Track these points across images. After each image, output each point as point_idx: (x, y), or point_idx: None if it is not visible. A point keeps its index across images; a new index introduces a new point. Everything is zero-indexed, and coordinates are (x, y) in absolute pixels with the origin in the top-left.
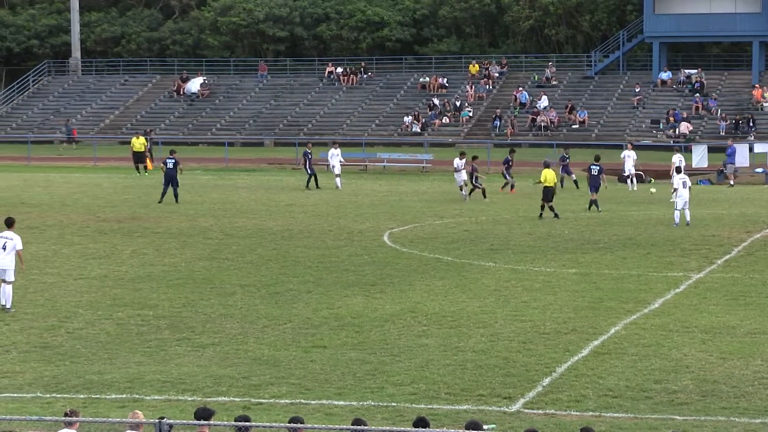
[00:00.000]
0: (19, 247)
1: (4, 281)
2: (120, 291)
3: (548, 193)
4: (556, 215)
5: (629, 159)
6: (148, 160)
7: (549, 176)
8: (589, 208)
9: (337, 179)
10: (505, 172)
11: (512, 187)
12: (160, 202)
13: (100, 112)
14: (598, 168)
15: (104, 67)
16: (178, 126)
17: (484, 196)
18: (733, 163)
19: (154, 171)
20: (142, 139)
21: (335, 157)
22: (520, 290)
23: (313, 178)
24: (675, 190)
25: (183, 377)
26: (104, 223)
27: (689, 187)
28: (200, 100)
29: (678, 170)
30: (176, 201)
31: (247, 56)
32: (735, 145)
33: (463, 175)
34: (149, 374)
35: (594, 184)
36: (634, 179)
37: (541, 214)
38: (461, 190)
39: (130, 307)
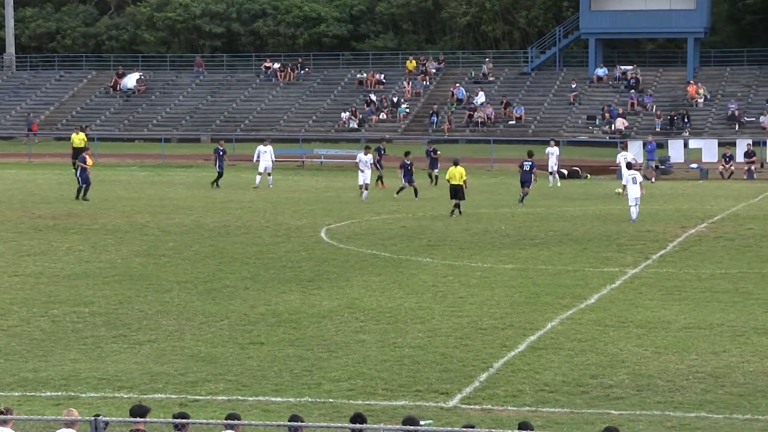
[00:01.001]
0: None
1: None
2: (55, 288)
3: (456, 191)
4: (459, 212)
5: (552, 156)
6: (87, 156)
7: (457, 174)
8: (521, 201)
9: (269, 177)
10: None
11: (381, 180)
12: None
13: (35, 108)
14: (530, 164)
15: (39, 63)
16: (114, 122)
17: (416, 195)
18: (654, 159)
19: (92, 167)
20: (81, 134)
21: (265, 154)
22: (458, 286)
23: (219, 177)
24: (624, 186)
25: (119, 374)
26: (39, 220)
27: (640, 183)
28: (136, 96)
29: (629, 166)
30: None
31: (183, 52)
32: (654, 141)
33: (368, 176)
34: (85, 371)
35: (525, 179)
36: (557, 175)
37: (452, 211)
38: (364, 189)
39: (65, 304)
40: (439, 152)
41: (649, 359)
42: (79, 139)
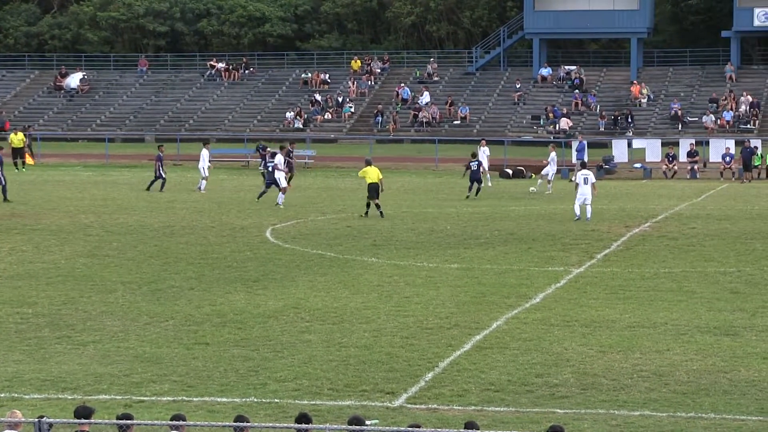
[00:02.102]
0: None
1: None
2: None
3: (372, 190)
4: (380, 213)
5: (483, 156)
6: (27, 156)
7: (372, 173)
8: (467, 198)
9: (202, 181)
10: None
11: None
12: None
13: None
14: (477, 162)
15: None
16: (58, 122)
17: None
18: (583, 159)
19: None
20: (20, 134)
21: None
22: (403, 286)
23: (159, 183)
24: (577, 185)
25: (63, 375)
26: None
27: (592, 183)
28: (80, 96)
29: (583, 165)
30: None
31: (127, 52)
32: (584, 141)
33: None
34: (28, 373)
35: (474, 178)
36: (488, 175)
37: (366, 211)
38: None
39: (8, 305)
40: (268, 149)
41: (594, 358)
42: (17, 139)
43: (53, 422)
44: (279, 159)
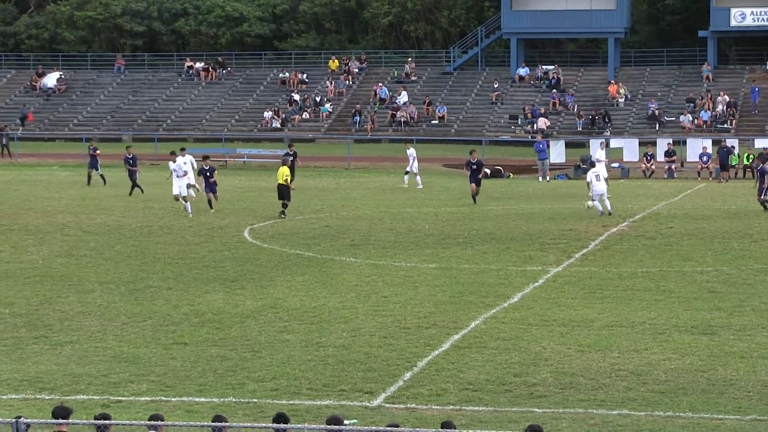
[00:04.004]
0: None
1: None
2: None
3: (282, 191)
4: (282, 213)
5: (412, 157)
6: None
7: (279, 174)
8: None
9: (191, 191)
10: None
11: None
12: None
13: None
14: (475, 162)
15: None
16: (35, 121)
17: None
18: (545, 159)
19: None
20: None
21: (186, 165)
22: (381, 285)
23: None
24: (589, 183)
25: (40, 375)
26: None
27: (605, 179)
28: (57, 96)
29: (592, 164)
30: None
31: (104, 51)
32: (544, 141)
33: (183, 184)
34: (5, 373)
35: (475, 178)
36: (418, 178)
37: (283, 212)
38: (185, 200)
39: None
40: (99, 151)
41: (572, 357)
42: None
43: (31, 422)
44: (187, 164)
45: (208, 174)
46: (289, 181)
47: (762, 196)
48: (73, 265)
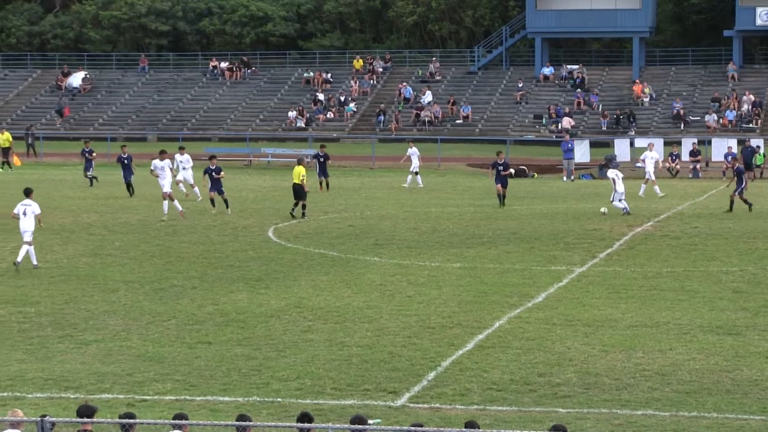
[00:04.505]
0: (38, 212)
1: (26, 243)
2: (1, 288)
3: (298, 191)
4: (303, 213)
5: (415, 156)
6: (15, 157)
7: (294, 174)
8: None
9: (181, 186)
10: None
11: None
12: None
13: None
14: (503, 163)
15: None
16: (61, 121)
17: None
18: (571, 158)
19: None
20: (7, 134)
21: (181, 163)
22: (405, 285)
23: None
24: (614, 180)
25: (65, 374)
26: None
27: (622, 178)
28: (82, 95)
29: (607, 165)
30: None
31: (129, 51)
32: (572, 140)
33: (167, 184)
34: (31, 372)
35: (502, 179)
36: (419, 177)
37: (302, 213)
38: (171, 201)
39: (11, 304)
40: (94, 153)
41: (596, 357)
42: (3, 139)
43: (56, 421)
44: (165, 163)
45: (213, 173)
46: (304, 181)
47: (740, 195)
48: (98, 264)
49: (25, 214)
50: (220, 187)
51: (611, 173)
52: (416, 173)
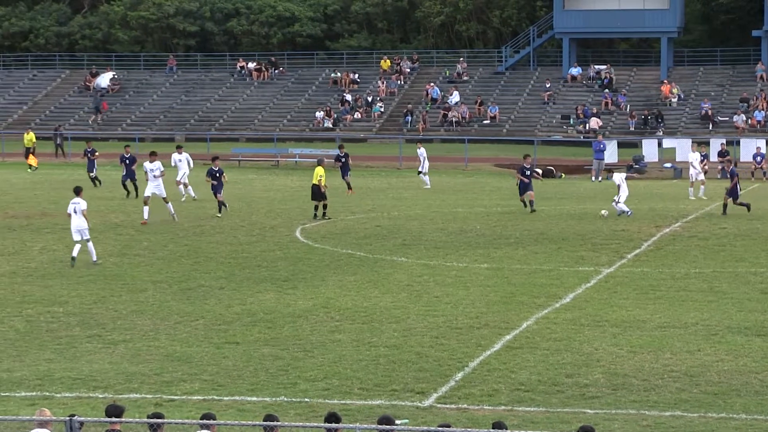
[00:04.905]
0: (84, 208)
1: (85, 241)
2: (29, 287)
3: (315, 191)
4: (323, 213)
5: (423, 157)
6: (31, 156)
7: (314, 174)
8: (526, 205)
9: (181, 187)
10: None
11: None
12: None
13: (8, 107)
14: (529, 168)
15: (12, 62)
16: (88, 121)
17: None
18: (602, 159)
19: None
20: (31, 134)
21: (181, 162)
22: (433, 285)
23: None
24: (618, 186)
25: (94, 374)
26: (13, 219)
27: (626, 182)
28: (110, 96)
29: (613, 169)
30: None
31: (157, 51)
32: (604, 141)
33: (156, 187)
34: (59, 371)
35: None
36: (426, 177)
37: (323, 213)
38: (165, 201)
39: (39, 303)
40: (97, 153)
41: (624, 358)
42: (27, 139)
43: (84, 421)
44: (154, 165)
45: (218, 175)
46: (322, 182)
47: (732, 198)
48: (126, 264)
49: (75, 212)
50: (221, 189)
51: (617, 178)
52: (425, 174)
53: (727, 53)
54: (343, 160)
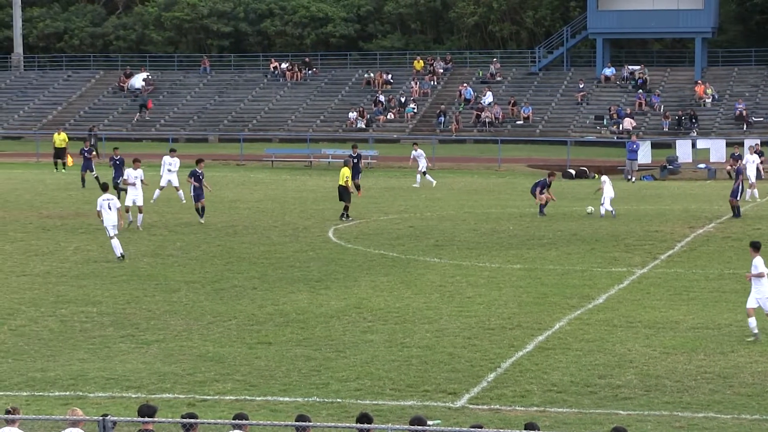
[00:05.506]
0: (119, 205)
1: (138, 209)
2: (63, 288)
3: (342, 192)
4: (343, 216)
5: (421, 158)
6: (68, 157)
7: (340, 174)
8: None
9: (179, 192)
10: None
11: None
12: None
13: (43, 108)
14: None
15: (47, 63)
16: (122, 122)
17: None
18: (635, 159)
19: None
20: (63, 134)
21: (171, 165)
22: (465, 286)
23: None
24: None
25: (127, 374)
26: (47, 220)
27: (611, 184)
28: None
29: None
30: None
31: (191, 52)
32: (638, 141)
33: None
34: (93, 371)
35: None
36: (427, 175)
37: (344, 214)
38: (140, 211)
39: (73, 303)
40: (94, 152)
41: (657, 359)
42: (60, 139)
43: (117, 421)
44: (138, 173)
45: (201, 178)
46: (348, 182)
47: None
48: (160, 264)
49: (110, 208)
50: (201, 194)
51: (603, 178)
52: (424, 173)
53: (761, 53)
54: (355, 161)
